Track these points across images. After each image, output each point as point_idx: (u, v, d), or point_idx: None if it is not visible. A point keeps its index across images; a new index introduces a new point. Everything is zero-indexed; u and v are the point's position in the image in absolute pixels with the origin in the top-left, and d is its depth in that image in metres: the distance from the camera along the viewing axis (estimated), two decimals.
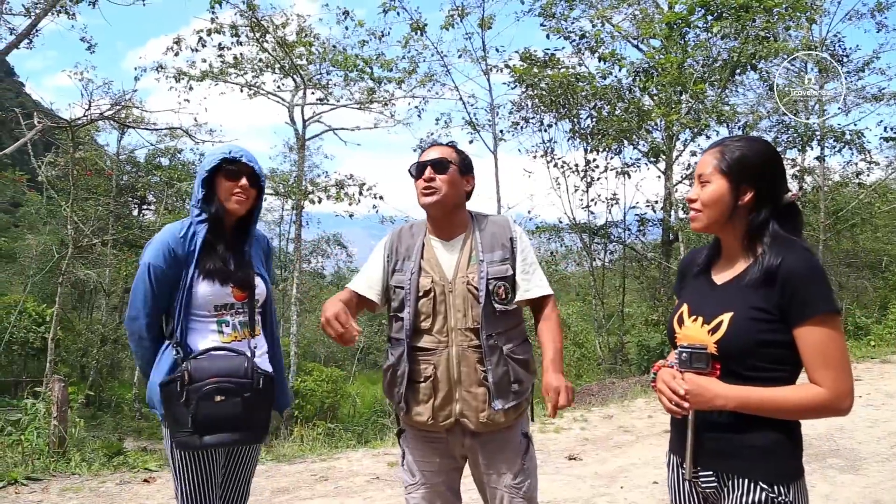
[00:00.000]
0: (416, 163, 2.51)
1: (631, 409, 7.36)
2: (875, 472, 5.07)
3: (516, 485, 2.43)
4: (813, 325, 1.70)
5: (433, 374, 2.38)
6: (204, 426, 2.33)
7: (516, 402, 2.39)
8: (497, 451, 2.44)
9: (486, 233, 2.50)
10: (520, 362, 2.41)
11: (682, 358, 1.83)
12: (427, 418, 2.39)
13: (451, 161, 2.48)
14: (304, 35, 15.56)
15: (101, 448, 8.25)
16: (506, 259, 2.45)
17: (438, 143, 2.63)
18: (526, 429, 2.51)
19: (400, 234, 2.59)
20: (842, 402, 1.70)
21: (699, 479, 1.88)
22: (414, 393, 2.41)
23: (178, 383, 2.33)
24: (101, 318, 22.75)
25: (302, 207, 16.41)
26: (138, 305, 2.45)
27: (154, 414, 2.52)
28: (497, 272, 2.42)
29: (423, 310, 2.41)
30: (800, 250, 1.75)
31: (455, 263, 2.46)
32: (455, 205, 2.50)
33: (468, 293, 2.40)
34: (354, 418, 16.49)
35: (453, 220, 2.51)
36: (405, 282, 2.44)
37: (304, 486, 4.98)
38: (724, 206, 1.84)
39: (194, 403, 2.31)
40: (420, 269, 2.45)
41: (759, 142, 1.88)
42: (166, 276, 2.42)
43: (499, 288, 2.40)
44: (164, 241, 2.44)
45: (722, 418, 1.80)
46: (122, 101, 13.05)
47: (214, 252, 2.50)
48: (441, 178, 2.44)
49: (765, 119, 15.54)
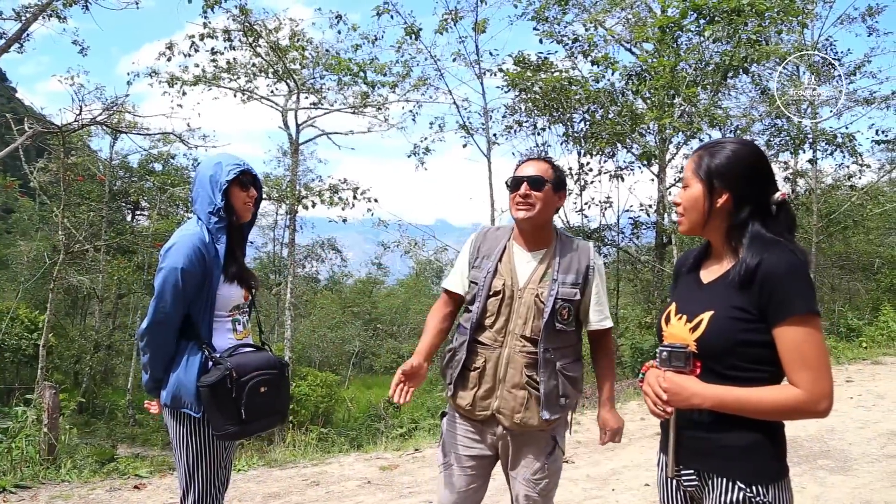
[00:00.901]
0: (513, 176, 2.64)
1: (623, 411, 7.35)
2: (865, 473, 5.08)
3: (535, 480, 2.59)
4: (790, 325, 1.70)
5: (482, 367, 2.58)
6: (253, 415, 2.57)
7: (560, 415, 2.58)
8: (524, 447, 2.61)
9: (566, 254, 2.63)
10: (570, 379, 2.59)
11: (661, 356, 1.86)
12: (467, 404, 2.60)
13: (547, 179, 2.61)
14: (297, 39, 15.56)
15: (93, 455, 8.21)
16: (577, 283, 2.59)
17: (535, 158, 2.72)
18: (557, 434, 2.65)
19: (486, 234, 2.76)
20: (818, 404, 1.69)
21: (682, 478, 1.89)
22: (463, 379, 2.62)
23: (228, 380, 2.51)
24: (94, 325, 22.70)
25: (296, 212, 16.40)
26: (168, 310, 2.54)
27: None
28: (566, 294, 2.56)
29: (490, 308, 2.59)
30: (781, 250, 1.75)
31: (530, 274, 2.61)
32: (546, 221, 2.65)
33: (534, 304, 2.56)
34: (349, 423, 16.46)
35: (540, 234, 2.66)
36: (480, 279, 2.62)
37: (295, 491, 4.96)
38: (702, 209, 1.87)
39: (245, 396, 2.54)
40: (496, 271, 2.62)
41: (737, 144, 1.89)
42: (195, 279, 2.55)
43: (563, 309, 2.55)
44: (195, 246, 2.55)
45: (702, 417, 1.82)
46: (114, 106, 12.99)
47: (234, 257, 2.71)
48: (536, 195, 2.57)
49: (757, 122, 15.61)
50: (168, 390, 2.59)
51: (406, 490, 4.89)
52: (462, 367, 2.61)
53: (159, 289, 2.54)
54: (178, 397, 2.57)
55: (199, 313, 2.59)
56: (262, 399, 2.61)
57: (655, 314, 13.83)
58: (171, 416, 2.64)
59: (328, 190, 16.03)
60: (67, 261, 14.83)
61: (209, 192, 2.64)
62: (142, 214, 25.18)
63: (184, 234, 2.61)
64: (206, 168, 2.70)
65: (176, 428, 2.63)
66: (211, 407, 2.53)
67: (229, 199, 2.66)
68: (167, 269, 2.53)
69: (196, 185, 2.71)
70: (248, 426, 2.60)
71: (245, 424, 2.58)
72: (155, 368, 2.61)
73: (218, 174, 2.66)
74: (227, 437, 2.61)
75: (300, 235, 20.25)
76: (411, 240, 16.62)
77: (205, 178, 2.67)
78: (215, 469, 2.66)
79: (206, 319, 2.61)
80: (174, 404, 2.59)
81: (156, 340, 2.58)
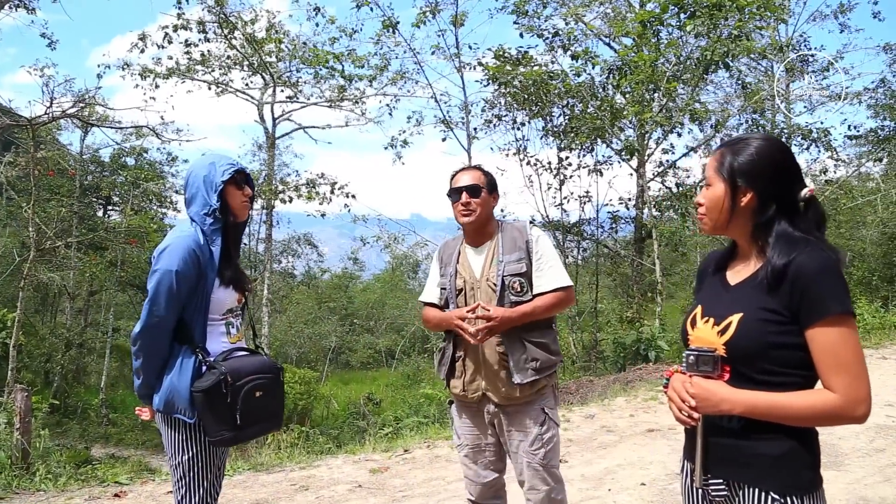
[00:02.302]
0: (453, 188, 3.01)
1: (612, 408, 7.33)
2: (857, 468, 5.09)
3: (534, 451, 2.87)
4: (824, 327, 1.63)
5: (464, 355, 2.92)
6: (249, 420, 2.55)
7: (534, 379, 2.82)
8: (515, 420, 2.90)
9: (507, 238, 2.97)
10: (537, 344, 2.85)
11: (688, 361, 1.78)
12: (460, 390, 2.95)
13: (482, 185, 2.98)
14: (273, 32, 15.29)
15: (68, 459, 7.96)
16: (522, 259, 2.89)
17: (467, 168, 3.10)
18: (545, 405, 2.91)
19: (445, 245, 3.16)
20: (856, 409, 1.63)
21: (709, 487, 1.82)
22: (452, 370, 2.97)
23: (223, 385, 2.47)
24: (65, 322, 22.17)
25: (272, 207, 16.14)
26: (162, 313, 2.48)
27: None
28: (512, 270, 2.87)
29: (460, 304, 2.92)
30: (812, 249, 1.68)
31: (481, 265, 2.96)
32: (486, 219, 3.00)
33: (489, 288, 2.89)
34: (329, 420, 16.29)
35: (483, 231, 3.02)
36: (446, 283, 3.00)
37: (283, 497, 4.82)
38: (724, 209, 1.81)
39: (240, 401, 2.51)
40: (456, 272, 2.99)
41: (761, 140, 1.82)
42: (189, 282, 2.50)
43: (514, 283, 2.86)
44: (189, 249, 2.50)
45: (732, 424, 1.74)
46: (85, 99, 12.63)
47: (229, 259, 2.68)
48: (475, 202, 2.95)
49: (734, 117, 15.73)
50: (161, 396, 2.53)
51: (399, 494, 4.78)
52: (450, 360, 2.96)
53: (153, 292, 2.47)
54: (172, 402, 2.51)
55: (192, 317, 2.54)
56: (258, 404, 2.58)
57: (635, 308, 13.91)
58: (164, 422, 2.58)
59: (305, 185, 15.81)
60: (37, 257, 14.41)
61: (204, 193, 2.59)
62: (114, 210, 24.59)
63: (178, 235, 2.55)
64: (200, 169, 2.64)
65: (169, 434, 2.57)
66: (205, 412, 2.48)
67: (225, 200, 2.63)
68: (161, 271, 2.47)
69: (190, 188, 2.65)
70: (243, 432, 2.57)
71: (240, 430, 2.55)
72: (148, 373, 2.55)
73: (212, 174, 2.61)
74: (221, 443, 2.58)
75: (276, 230, 19.97)
76: (390, 234, 16.49)
77: (199, 180, 2.61)
78: (211, 476, 2.61)
79: (199, 323, 2.56)
80: (167, 410, 2.53)
81: (149, 345, 2.51)
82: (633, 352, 11.10)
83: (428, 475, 5.24)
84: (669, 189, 15.22)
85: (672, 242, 14.45)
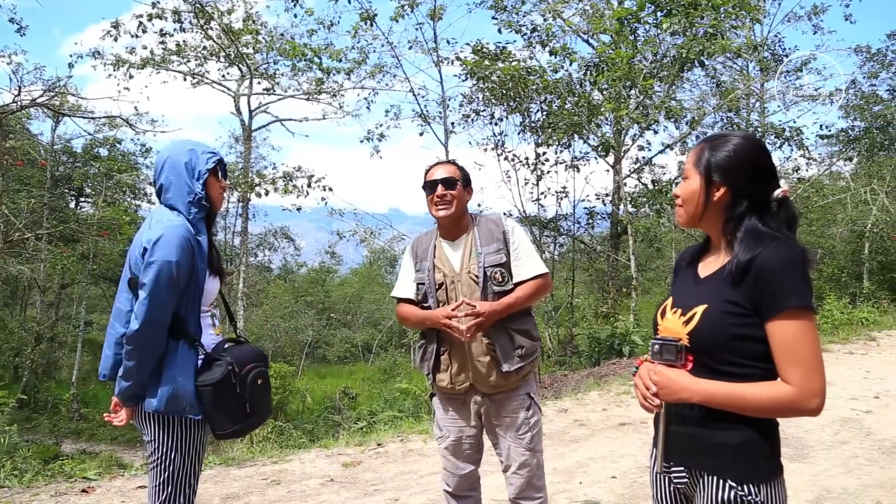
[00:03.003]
0: (429, 180, 3.03)
1: (585, 402, 7.38)
2: (822, 460, 5.19)
3: (521, 435, 2.96)
4: (783, 320, 1.67)
5: (449, 349, 2.94)
6: (255, 410, 2.55)
7: (521, 365, 2.90)
8: (503, 406, 2.97)
9: (483, 230, 3.01)
10: (520, 332, 2.93)
11: (653, 349, 1.85)
12: (447, 383, 2.97)
13: (457, 179, 3.02)
14: (250, 23, 15.14)
15: (36, 454, 7.84)
16: (500, 249, 2.94)
17: (443, 162, 3.14)
18: (530, 390, 3.01)
19: (418, 240, 3.16)
20: (809, 402, 1.67)
21: (672, 474, 1.88)
22: (437, 364, 2.99)
23: (231, 376, 2.44)
24: (35, 316, 21.81)
25: (248, 200, 16.01)
26: (166, 307, 2.38)
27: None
28: (492, 261, 2.92)
29: (440, 298, 2.95)
30: (777, 245, 1.72)
31: (460, 259, 2.99)
32: (461, 213, 3.04)
33: (471, 281, 2.93)
34: (304, 415, 16.21)
35: (459, 224, 3.05)
36: (424, 278, 3.00)
37: (254, 492, 4.80)
38: (699, 202, 1.86)
39: (247, 392, 2.50)
40: (434, 267, 3.00)
41: (740, 138, 1.87)
42: (187, 273, 2.43)
43: (495, 273, 2.91)
44: (185, 238, 2.42)
45: (693, 413, 1.79)
46: (56, 88, 12.41)
47: (215, 248, 2.63)
48: (451, 194, 2.99)
49: (709, 115, 15.90)
50: (161, 396, 2.39)
51: (371, 487, 4.78)
52: (435, 354, 2.98)
53: (152, 285, 2.34)
54: (177, 400, 2.39)
55: (186, 309, 2.44)
56: (260, 392, 2.59)
57: (610, 304, 14.02)
58: (160, 424, 2.44)
59: (282, 178, 15.69)
60: (6, 249, 14.15)
61: (187, 181, 2.50)
62: (86, 201, 24.21)
63: (169, 225, 2.43)
64: (178, 154, 2.54)
65: (165, 435, 2.44)
66: (214, 406, 2.43)
67: (206, 189, 2.55)
68: (160, 262, 2.35)
69: (166, 173, 2.52)
70: (249, 422, 2.56)
71: (247, 420, 2.54)
72: (142, 374, 2.41)
73: (194, 161, 2.52)
74: (228, 436, 2.55)
75: (252, 224, 19.83)
76: (367, 228, 16.42)
77: (178, 165, 2.51)
78: (198, 474, 2.56)
79: (193, 315, 2.47)
80: (170, 409, 2.40)
81: (148, 343, 2.38)
82: (608, 346, 11.19)
83: (400, 469, 5.25)
84: (645, 185, 15.35)
85: (647, 238, 14.58)
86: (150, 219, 2.54)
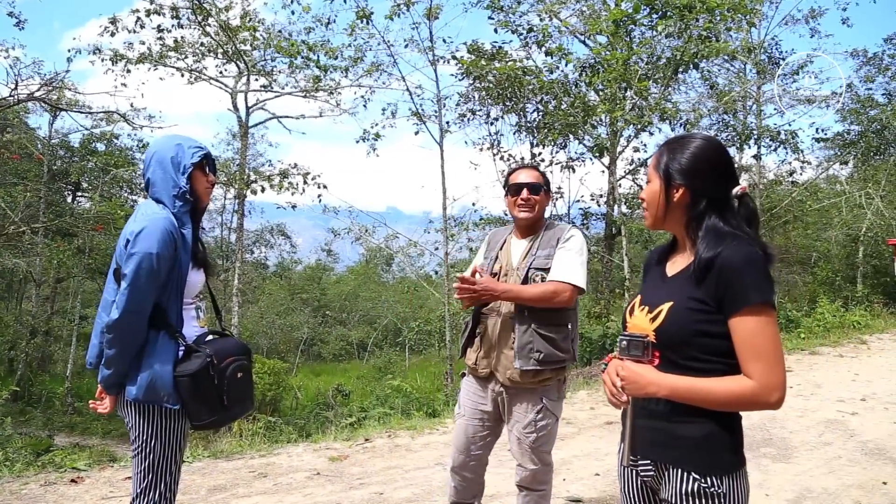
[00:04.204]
0: (515, 183, 3.20)
1: (574, 401, 7.43)
2: (805, 461, 5.25)
3: (526, 433, 3.08)
4: (744, 316, 1.72)
5: (483, 332, 3.16)
6: (233, 402, 2.57)
7: (535, 369, 2.99)
8: (516, 403, 3.11)
9: (548, 234, 3.18)
10: (546, 338, 3.00)
11: (621, 345, 1.89)
12: (473, 362, 3.20)
13: (542, 185, 3.20)
14: (248, 20, 15.15)
15: (28, 446, 7.88)
16: (550, 255, 3.09)
17: (526, 167, 3.32)
18: (548, 397, 3.09)
19: (495, 233, 3.44)
20: (770, 396, 1.71)
21: (638, 468, 1.92)
22: (471, 343, 3.22)
23: (209, 367, 2.48)
24: (31, 310, 21.81)
25: (244, 196, 16.01)
26: (146, 298, 2.42)
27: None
28: (539, 264, 3.08)
29: None
30: (739, 242, 1.77)
31: (520, 255, 3.18)
32: (540, 216, 3.24)
33: (518, 277, 3.09)
34: (297, 411, 16.25)
35: (534, 226, 3.23)
36: (486, 264, 3.24)
37: (241, 484, 4.84)
38: (660, 204, 1.91)
39: (225, 384, 2.53)
40: (497, 257, 3.23)
41: (698, 140, 1.92)
42: (168, 264, 2.46)
43: (535, 276, 3.05)
44: (167, 230, 2.45)
45: (659, 407, 1.84)
46: (54, 82, 12.42)
47: (199, 241, 2.66)
48: (534, 199, 3.17)
49: (705, 117, 15.94)
50: (140, 384, 2.44)
51: (356, 481, 4.83)
52: (470, 333, 3.20)
53: (132, 276, 2.38)
54: (154, 390, 2.44)
55: (168, 301, 2.48)
56: (240, 385, 2.62)
57: (603, 304, 14.08)
58: (139, 412, 2.49)
59: (278, 175, 15.70)
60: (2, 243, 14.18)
61: (172, 175, 2.54)
62: (83, 196, 24.19)
63: (153, 217, 2.47)
64: (165, 149, 2.58)
65: (145, 424, 2.49)
66: (191, 397, 2.47)
67: (192, 183, 2.59)
68: (141, 254, 2.39)
69: (153, 166, 2.57)
70: (227, 413, 2.60)
71: (225, 412, 2.57)
72: (122, 363, 2.46)
73: (180, 156, 2.56)
74: (206, 427, 2.59)
75: (249, 220, 19.81)
76: (362, 227, 16.44)
77: (164, 160, 2.55)
78: (180, 464, 2.60)
79: (175, 307, 2.51)
80: (148, 398, 2.45)
81: (129, 332, 2.42)
82: (599, 347, 11.26)
83: (387, 464, 5.29)
84: (640, 187, 15.40)
85: (641, 240, 14.65)
86: (136, 212, 2.60)
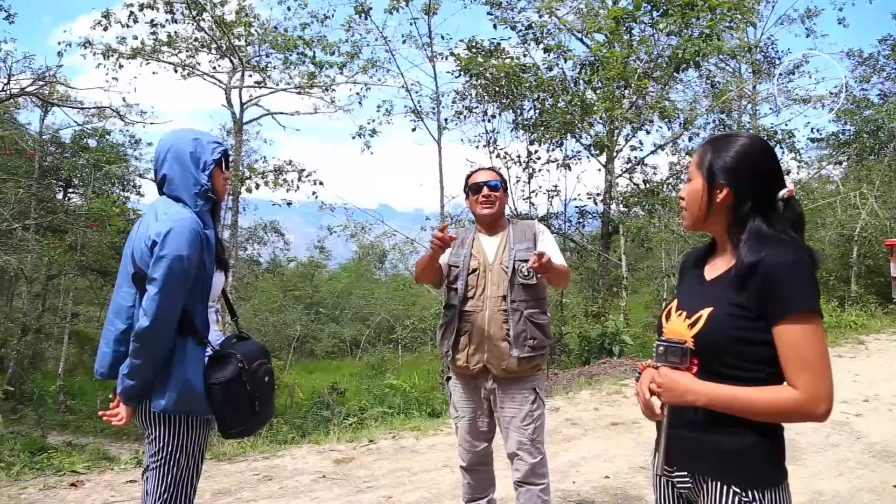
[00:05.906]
0: (475, 182, 3.43)
1: (577, 401, 7.39)
2: (814, 463, 5.21)
3: (524, 426, 3.24)
4: (790, 324, 1.65)
5: (470, 330, 3.25)
6: (262, 407, 2.48)
7: (530, 355, 3.21)
8: (510, 394, 3.27)
9: (517, 230, 3.41)
10: (537, 325, 3.24)
11: (658, 351, 1.81)
12: (463, 362, 3.28)
13: (500, 183, 3.45)
14: (243, 14, 15.00)
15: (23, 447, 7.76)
16: (529, 248, 3.26)
17: (486, 168, 3.57)
18: (536, 385, 3.31)
19: (457, 233, 3.43)
20: (816, 407, 1.65)
21: (674, 479, 1.85)
22: (457, 344, 3.29)
23: (242, 373, 2.38)
24: (22, 307, 21.56)
25: (238, 193, 15.88)
26: (177, 303, 2.30)
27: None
28: (521, 255, 3.26)
29: (471, 282, 3.31)
30: (784, 247, 1.70)
31: (494, 251, 3.37)
32: (502, 213, 3.48)
33: (501, 271, 3.28)
34: (292, 409, 16.15)
35: (497, 223, 3.46)
36: (460, 262, 3.35)
37: (246, 487, 4.76)
38: (701, 204, 1.83)
39: (256, 389, 2.44)
40: (471, 255, 3.36)
41: (744, 139, 1.84)
42: (196, 268, 2.35)
43: (522, 267, 3.23)
44: (195, 231, 2.34)
45: (697, 417, 1.76)
46: (45, 77, 12.25)
47: (220, 241, 2.55)
48: (495, 195, 3.41)
49: (702, 116, 15.93)
50: (170, 395, 2.30)
51: (364, 485, 4.76)
52: (455, 334, 3.28)
53: (163, 280, 2.25)
54: (187, 400, 2.32)
55: (194, 305, 2.36)
56: (267, 388, 2.55)
57: (601, 303, 14.04)
58: (165, 423, 2.35)
59: (272, 171, 15.59)
60: None
61: (192, 172, 2.42)
62: (75, 192, 23.93)
63: (179, 217, 2.35)
64: (182, 144, 2.45)
65: (170, 436, 2.35)
66: (224, 404, 2.37)
67: (212, 180, 2.48)
68: (171, 257, 2.26)
69: (168, 162, 2.44)
70: (258, 419, 2.52)
71: (256, 418, 2.48)
72: (150, 372, 2.32)
73: (199, 151, 2.44)
74: (237, 435, 2.52)
75: (242, 217, 19.63)
76: (357, 224, 16.35)
77: (182, 155, 2.43)
78: (201, 472, 2.49)
79: (200, 311, 2.39)
80: (180, 408, 2.32)
81: (159, 339, 2.29)
82: (598, 346, 11.21)
83: (393, 466, 5.22)
84: (637, 185, 15.38)
85: (638, 238, 14.62)
86: (154, 210, 2.44)
